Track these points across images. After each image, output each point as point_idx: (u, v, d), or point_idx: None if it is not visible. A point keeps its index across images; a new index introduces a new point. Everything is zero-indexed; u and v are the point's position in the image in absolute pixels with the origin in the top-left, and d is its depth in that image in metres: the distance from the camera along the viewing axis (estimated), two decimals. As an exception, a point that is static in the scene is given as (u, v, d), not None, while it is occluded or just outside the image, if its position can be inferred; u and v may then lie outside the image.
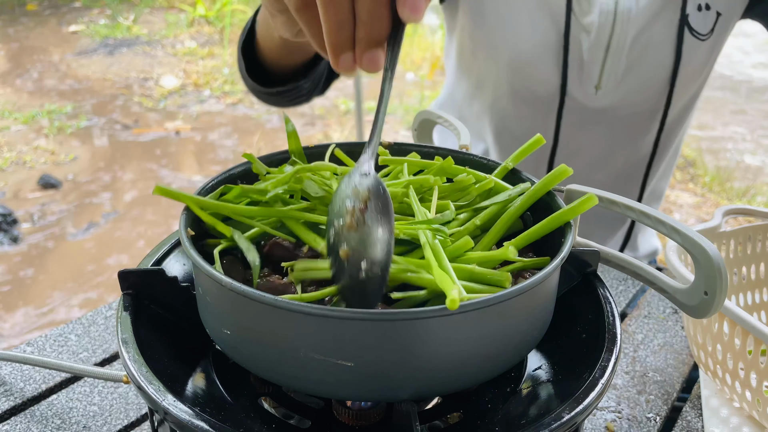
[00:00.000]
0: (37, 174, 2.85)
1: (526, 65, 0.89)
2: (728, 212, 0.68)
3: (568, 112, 0.91)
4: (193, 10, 4.85)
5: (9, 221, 2.48)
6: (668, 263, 0.59)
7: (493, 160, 0.56)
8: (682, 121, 0.98)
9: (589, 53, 0.87)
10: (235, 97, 3.73)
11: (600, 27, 0.85)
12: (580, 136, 0.93)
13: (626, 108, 0.92)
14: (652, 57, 0.88)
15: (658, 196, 1.06)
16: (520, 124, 0.94)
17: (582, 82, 0.89)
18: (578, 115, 0.91)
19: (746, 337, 0.55)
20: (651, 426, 0.60)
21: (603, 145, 0.94)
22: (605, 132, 0.93)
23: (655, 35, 0.87)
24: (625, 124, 0.93)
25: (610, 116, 0.92)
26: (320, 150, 0.57)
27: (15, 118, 3.35)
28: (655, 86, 0.90)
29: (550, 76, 0.89)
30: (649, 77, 0.89)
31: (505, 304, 0.39)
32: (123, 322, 0.46)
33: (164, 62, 4.17)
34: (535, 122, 0.93)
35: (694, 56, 0.89)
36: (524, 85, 0.91)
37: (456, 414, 0.47)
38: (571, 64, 0.88)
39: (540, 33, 0.87)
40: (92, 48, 4.31)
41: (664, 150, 0.98)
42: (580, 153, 0.94)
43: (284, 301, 0.37)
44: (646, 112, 0.93)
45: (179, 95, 3.75)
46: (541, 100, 0.91)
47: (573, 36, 0.87)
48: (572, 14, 0.86)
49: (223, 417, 0.41)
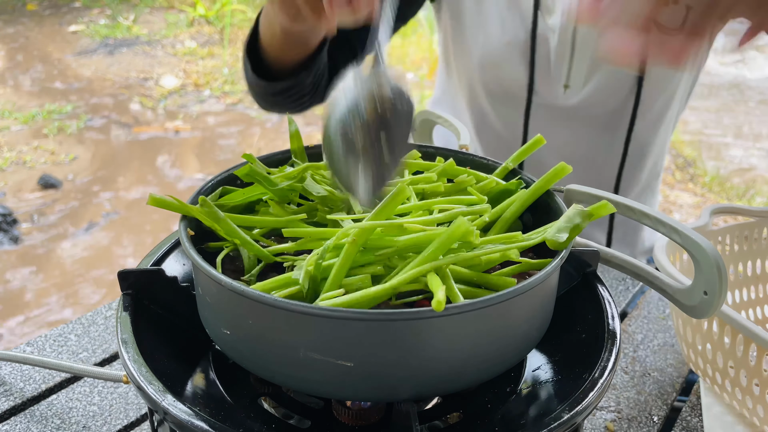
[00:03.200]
0: (37, 174, 2.85)
1: (496, 64, 0.91)
2: (715, 211, 0.69)
3: (536, 110, 0.92)
4: (193, 10, 4.84)
5: (9, 221, 2.48)
6: (657, 263, 0.58)
7: (493, 160, 0.56)
8: (661, 119, 0.97)
9: (555, 53, 0.88)
10: (235, 97, 3.73)
11: (563, 27, 0.86)
12: (549, 134, 0.93)
13: (595, 107, 0.92)
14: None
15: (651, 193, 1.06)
16: (497, 121, 0.96)
17: (550, 81, 0.90)
18: (547, 112, 0.92)
19: (736, 336, 0.56)
20: (651, 426, 0.60)
21: (573, 142, 0.95)
22: (575, 130, 0.94)
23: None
24: (595, 123, 0.94)
25: (580, 114, 0.93)
26: (320, 150, 0.56)
27: (15, 118, 3.35)
28: (622, 84, 0.91)
29: (519, 75, 0.90)
30: (616, 75, 0.90)
31: (505, 304, 0.39)
32: (123, 322, 0.46)
33: (164, 62, 4.17)
34: (509, 119, 0.95)
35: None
36: (495, 83, 0.93)
37: (456, 414, 0.47)
38: (539, 62, 0.89)
39: (509, 32, 0.89)
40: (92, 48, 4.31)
41: (639, 151, 0.98)
42: (551, 151, 0.94)
43: (284, 301, 0.37)
44: (615, 110, 0.93)
45: (179, 95, 3.75)
46: (511, 98, 0.93)
47: (540, 35, 0.88)
48: (539, 13, 0.86)
49: (223, 417, 0.41)
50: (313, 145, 0.57)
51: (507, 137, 0.97)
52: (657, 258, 0.59)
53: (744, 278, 0.72)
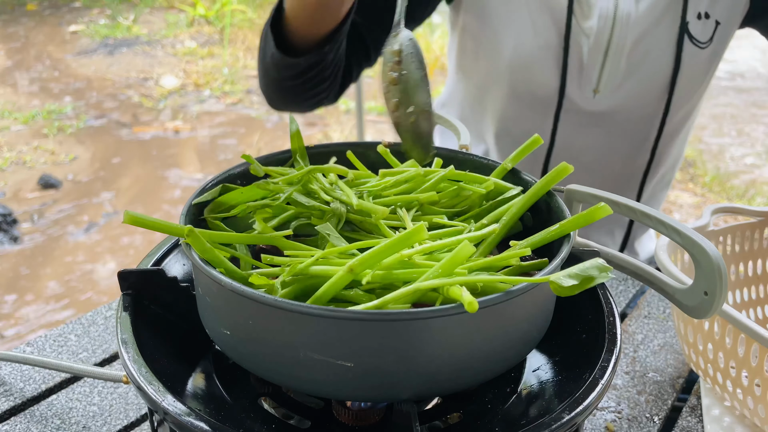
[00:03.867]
0: (37, 174, 2.85)
1: (527, 67, 0.90)
2: (716, 211, 0.69)
3: (565, 115, 0.91)
4: (193, 10, 4.84)
5: (9, 221, 2.48)
6: (659, 263, 0.58)
7: (492, 160, 0.56)
8: (682, 128, 0.98)
9: (589, 57, 0.87)
10: (235, 97, 3.73)
11: (599, 31, 0.85)
12: (577, 139, 0.93)
13: (624, 113, 0.92)
14: (652, 63, 0.88)
15: (656, 203, 1.06)
16: (520, 126, 0.95)
17: (581, 85, 0.89)
18: (576, 117, 0.91)
19: (737, 336, 0.55)
20: (651, 426, 0.60)
21: (600, 148, 0.95)
22: (603, 136, 0.94)
23: (654, 41, 0.87)
24: (623, 129, 0.93)
25: (607, 120, 0.92)
26: (320, 150, 0.56)
27: (15, 118, 3.35)
28: (654, 92, 0.90)
29: (550, 79, 0.89)
30: (648, 83, 0.90)
31: (505, 305, 0.39)
32: (123, 322, 0.46)
33: (164, 62, 4.17)
34: (534, 124, 0.93)
35: (693, 64, 0.89)
36: (524, 87, 0.91)
37: (456, 414, 0.47)
38: (571, 66, 0.88)
39: (541, 35, 0.88)
40: (92, 48, 4.31)
41: (663, 157, 0.98)
42: (577, 156, 0.94)
43: (284, 301, 0.37)
44: (644, 117, 0.93)
45: (179, 95, 3.75)
46: (540, 102, 0.91)
47: (573, 39, 0.87)
48: (573, 17, 0.86)
49: (223, 417, 0.41)
50: (313, 146, 0.57)
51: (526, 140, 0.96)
52: (658, 258, 0.59)
53: (744, 278, 0.72)
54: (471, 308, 0.35)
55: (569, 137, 0.93)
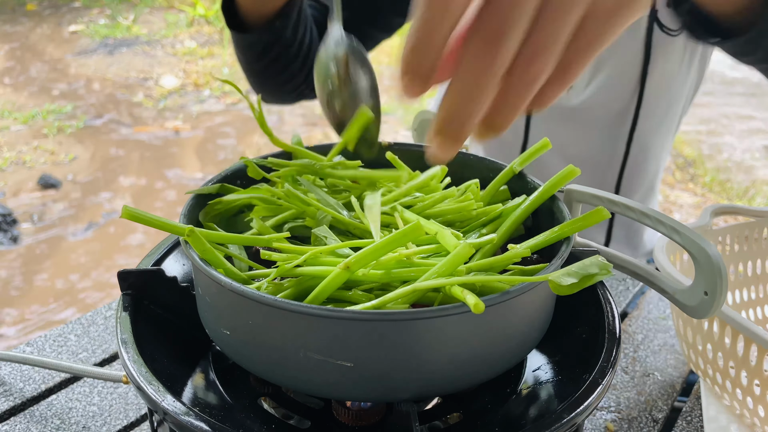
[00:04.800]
0: (37, 174, 2.85)
1: None
2: (716, 211, 0.69)
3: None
4: (193, 10, 4.85)
5: (9, 221, 2.48)
6: (657, 264, 0.58)
7: (492, 160, 0.56)
8: (662, 123, 0.97)
9: None
10: (235, 97, 3.73)
11: None
12: (551, 135, 0.93)
13: (597, 108, 0.91)
14: (621, 53, 0.87)
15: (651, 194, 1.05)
16: None
17: None
18: (549, 113, 0.91)
19: (736, 337, 0.55)
20: (651, 426, 0.60)
21: (574, 144, 0.94)
22: (577, 131, 0.93)
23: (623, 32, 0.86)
24: (597, 124, 0.93)
25: (581, 115, 0.92)
26: (320, 150, 0.56)
27: (15, 118, 3.35)
28: (625, 84, 0.90)
29: None
30: (619, 75, 0.89)
31: (505, 305, 0.39)
32: (122, 322, 0.46)
33: (164, 62, 4.17)
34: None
35: (665, 53, 0.88)
36: None
37: (456, 414, 0.47)
38: None
39: None
40: (92, 48, 4.31)
41: (641, 152, 0.97)
42: (552, 152, 0.94)
43: (284, 302, 0.37)
44: (617, 112, 0.92)
45: (179, 95, 3.75)
46: None
47: None
48: None
49: (223, 417, 0.41)
50: (313, 146, 0.57)
51: (507, 137, 0.96)
52: (657, 258, 0.59)
53: (744, 278, 0.72)
54: (477, 309, 0.35)
55: (543, 133, 0.92)
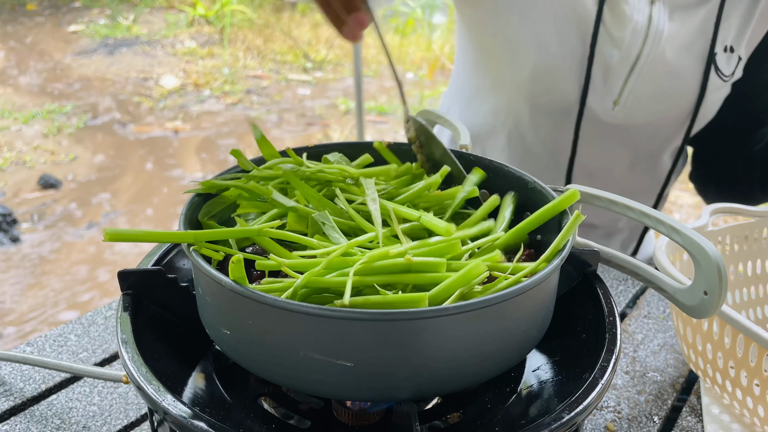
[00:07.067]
0: (37, 174, 2.85)
1: (549, 73, 0.88)
2: (716, 211, 0.69)
3: (586, 123, 0.90)
4: (193, 10, 4.85)
5: (9, 221, 2.48)
6: (657, 264, 0.58)
7: (491, 160, 0.56)
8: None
9: (615, 68, 0.85)
10: (235, 97, 3.73)
11: (630, 43, 0.84)
12: (595, 149, 0.93)
13: (645, 128, 0.91)
14: (678, 86, 0.87)
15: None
16: (534, 131, 0.93)
17: (602, 95, 0.88)
18: (594, 127, 0.90)
19: (736, 336, 0.56)
20: (651, 426, 0.60)
21: (618, 159, 0.94)
22: (621, 147, 0.93)
23: (683, 66, 0.86)
24: (643, 142, 0.93)
25: (626, 133, 0.91)
26: (320, 150, 0.57)
27: (15, 118, 3.35)
28: (677, 116, 0.90)
29: (571, 86, 0.87)
30: (671, 106, 0.89)
31: (505, 304, 0.39)
32: (123, 322, 0.46)
33: (164, 62, 4.17)
34: (549, 130, 0.92)
35: (715, 95, 0.89)
36: (543, 93, 0.90)
37: (456, 414, 0.47)
38: (594, 76, 0.86)
39: (566, 42, 0.86)
40: (92, 48, 4.31)
41: (682, 167, 0.99)
42: (598, 165, 0.94)
43: (284, 301, 0.37)
44: (664, 136, 0.93)
45: (179, 95, 3.75)
46: (558, 109, 0.90)
47: (599, 49, 0.85)
48: (602, 26, 0.84)
49: (223, 417, 0.41)
50: (313, 146, 0.57)
51: (541, 148, 0.95)
52: (657, 258, 0.59)
53: (744, 278, 0.72)
54: (447, 233, 0.38)
55: (590, 147, 0.92)
